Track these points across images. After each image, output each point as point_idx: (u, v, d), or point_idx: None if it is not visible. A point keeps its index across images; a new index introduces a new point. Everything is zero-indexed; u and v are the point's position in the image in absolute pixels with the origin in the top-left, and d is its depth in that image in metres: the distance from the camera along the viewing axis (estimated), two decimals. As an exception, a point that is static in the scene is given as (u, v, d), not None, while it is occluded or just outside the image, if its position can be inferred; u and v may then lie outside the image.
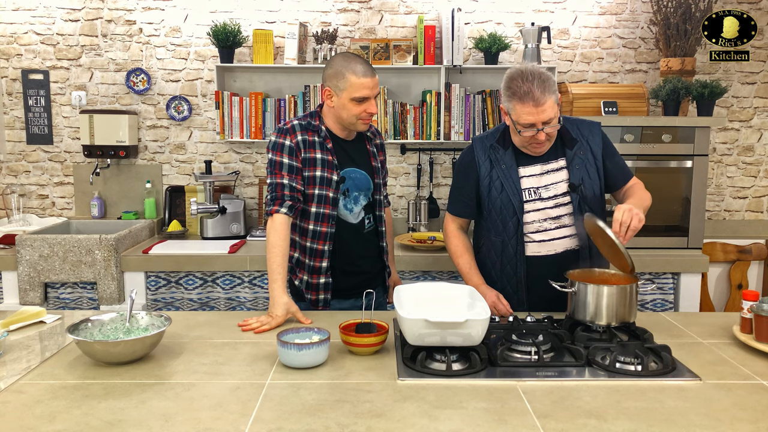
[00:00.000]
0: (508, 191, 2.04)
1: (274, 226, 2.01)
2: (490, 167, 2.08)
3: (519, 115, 1.91)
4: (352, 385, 1.47)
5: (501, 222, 2.07)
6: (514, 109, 1.92)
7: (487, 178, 2.08)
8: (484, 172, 2.09)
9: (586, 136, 2.09)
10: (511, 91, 1.91)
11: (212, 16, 3.56)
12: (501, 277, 2.12)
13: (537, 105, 1.87)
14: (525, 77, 1.88)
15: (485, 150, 2.10)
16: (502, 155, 2.07)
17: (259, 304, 3.09)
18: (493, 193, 2.07)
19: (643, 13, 3.59)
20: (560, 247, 2.06)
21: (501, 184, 2.05)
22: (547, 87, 1.87)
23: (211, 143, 3.69)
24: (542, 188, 2.04)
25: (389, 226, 2.38)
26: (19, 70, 3.61)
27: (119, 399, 1.38)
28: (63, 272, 2.99)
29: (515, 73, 1.91)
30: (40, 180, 3.71)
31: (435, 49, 3.47)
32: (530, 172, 2.05)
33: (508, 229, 2.05)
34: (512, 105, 1.92)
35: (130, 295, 1.73)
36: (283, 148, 2.05)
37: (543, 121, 1.90)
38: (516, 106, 1.91)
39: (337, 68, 2.00)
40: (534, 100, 1.87)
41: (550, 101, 1.88)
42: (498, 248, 2.10)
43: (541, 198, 2.04)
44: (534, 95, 1.86)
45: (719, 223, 3.76)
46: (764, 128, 3.71)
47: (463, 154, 2.16)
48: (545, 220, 2.05)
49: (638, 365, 1.55)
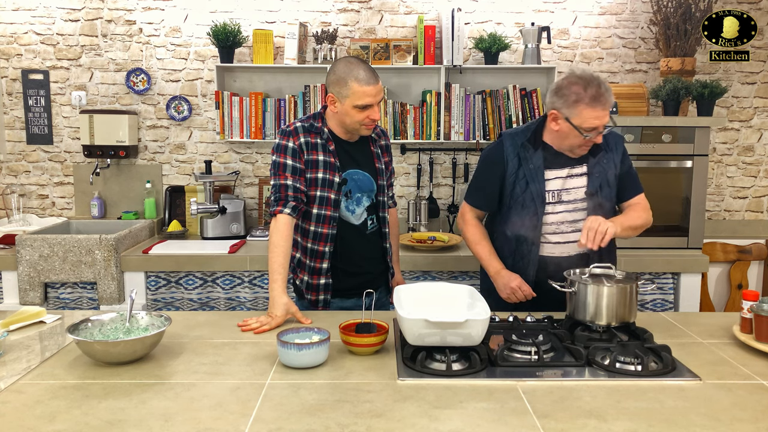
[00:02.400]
0: (532, 191, 2.06)
1: (277, 227, 2.02)
2: (517, 164, 2.09)
3: (586, 119, 1.94)
4: (352, 385, 1.47)
5: (519, 220, 2.09)
6: (580, 114, 1.93)
7: (513, 175, 2.10)
8: (511, 168, 2.10)
9: (610, 145, 2.12)
10: (576, 95, 1.93)
11: (212, 16, 3.56)
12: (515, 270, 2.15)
13: (604, 108, 1.93)
14: (591, 82, 1.92)
15: (515, 147, 2.11)
16: (531, 155, 2.08)
17: (259, 304, 3.09)
18: (516, 191, 2.09)
19: (643, 13, 3.59)
20: (574, 251, 2.09)
21: (526, 182, 2.07)
22: (608, 89, 1.94)
23: (211, 143, 3.69)
24: (564, 191, 2.07)
25: (395, 227, 2.38)
26: (19, 70, 3.61)
27: (119, 399, 1.38)
28: (63, 272, 2.99)
29: (581, 79, 1.93)
30: (40, 180, 3.71)
31: (435, 49, 3.47)
32: (555, 175, 2.08)
33: (526, 227, 2.08)
34: (578, 110, 1.93)
35: (130, 295, 1.73)
36: (287, 150, 2.06)
37: (604, 124, 1.96)
38: (584, 111, 1.93)
39: (340, 75, 1.99)
40: (603, 104, 1.92)
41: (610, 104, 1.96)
42: (512, 244, 2.13)
43: (562, 201, 2.08)
44: (604, 99, 1.92)
45: (719, 223, 3.76)
46: (764, 128, 3.71)
47: (492, 148, 2.18)
48: (563, 224, 2.08)
49: (638, 365, 1.55)
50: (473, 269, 3.08)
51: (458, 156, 3.67)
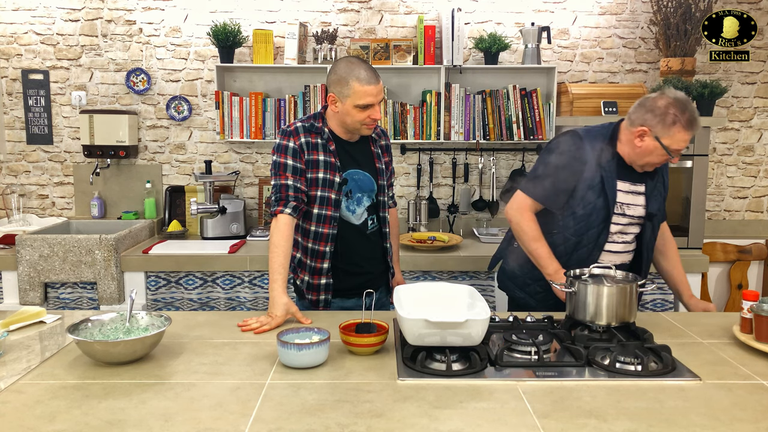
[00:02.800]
0: (607, 198, 2.06)
1: (278, 227, 2.02)
2: (595, 169, 2.06)
3: (677, 141, 1.97)
4: (352, 385, 1.47)
5: (585, 224, 2.08)
6: (673, 135, 1.96)
7: (590, 179, 2.06)
8: (589, 171, 2.06)
9: (662, 169, 2.16)
10: (676, 117, 1.95)
11: (212, 16, 3.56)
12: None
13: (695, 132, 1.98)
14: (688, 105, 1.96)
15: (594, 148, 2.07)
16: (608, 162, 2.07)
17: (259, 304, 3.09)
18: (589, 195, 2.06)
19: (643, 13, 3.59)
20: (618, 260, 2.13)
21: (602, 188, 2.06)
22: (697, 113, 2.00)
23: (211, 143, 3.69)
24: (626, 205, 2.10)
25: (395, 226, 2.38)
26: (19, 70, 3.61)
27: (119, 399, 1.38)
28: (63, 272, 2.99)
29: (679, 102, 1.96)
30: (40, 180, 3.71)
31: (435, 49, 3.47)
32: (622, 188, 2.09)
33: (590, 233, 2.08)
34: (672, 131, 1.96)
35: (130, 295, 1.73)
36: (287, 150, 2.06)
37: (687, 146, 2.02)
38: (677, 133, 1.96)
39: (341, 74, 1.99)
40: (695, 128, 1.97)
41: None
42: (570, 246, 2.11)
43: (624, 214, 2.10)
44: (697, 123, 1.97)
45: (719, 223, 3.76)
46: (764, 128, 3.71)
47: (571, 144, 2.08)
48: (616, 234, 2.12)
49: (638, 365, 1.55)
50: (473, 269, 3.08)
51: (458, 156, 3.67)
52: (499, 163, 3.68)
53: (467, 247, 3.26)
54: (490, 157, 3.65)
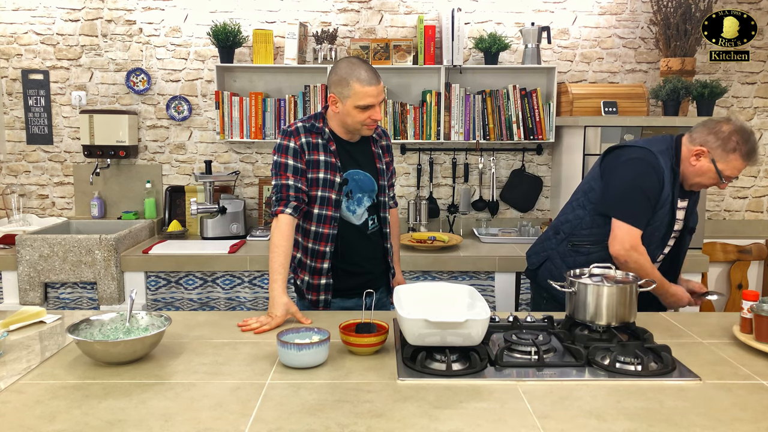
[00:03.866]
0: (671, 216, 2.10)
1: (279, 226, 2.02)
2: (669, 190, 2.08)
3: (732, 168, 2.02)
4: (352, 385, 1.47)
5: (647, 241, 2.08)
6: (730, 162, 2.01)
7: (664, 199, 2.07)
8: (665, 193, 2.07)
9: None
10: (737, 145, 1.99)
11: (212, 16, 3.56)
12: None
13: (752, 165, 2.03)
14: (752, 137, 2.01)
15: (667, 169, 2.07)
16: (673, 181, 2.09)
17: (259, 304, 3.09)
18: (660, 213, 2.08)
19: (643, 13, 3.59)
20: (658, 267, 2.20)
21: (671, 207, 2.09)
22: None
23: (211, 143, 3.69)
24: (677, 221, 2.15)
25: (395, 227, 2.38)
26: (19, 70, 3.61)
27: (119, 399, 1.38)
28: (63, 272, 2.99)
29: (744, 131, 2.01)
30: (40, 180, 3.71)
31: (435, 49, 3.47)
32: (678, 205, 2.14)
33: (650, 249, 2.09)
34: (730, 158, 2.01)
35: (130, 295, 1.73)
36: (288, 150, 2.06)
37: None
38: (734, 161, 2.01)
39: (342, 75, 1.99)
40: (753, 161, 2.02)
41: None
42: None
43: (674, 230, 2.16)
44: (756, 157, 2.02)
45: (719, 223, 3.76)
46: (764, 128, 3.71)
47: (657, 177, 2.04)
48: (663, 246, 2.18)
49: (638, 365, 1.55)
50: (473, 269, 3.08)
51: (458, 156, 3.67)
52: (499, 163, 3.68)
53: (467, 247, 3.26)
54: (490, 157, 3.65)
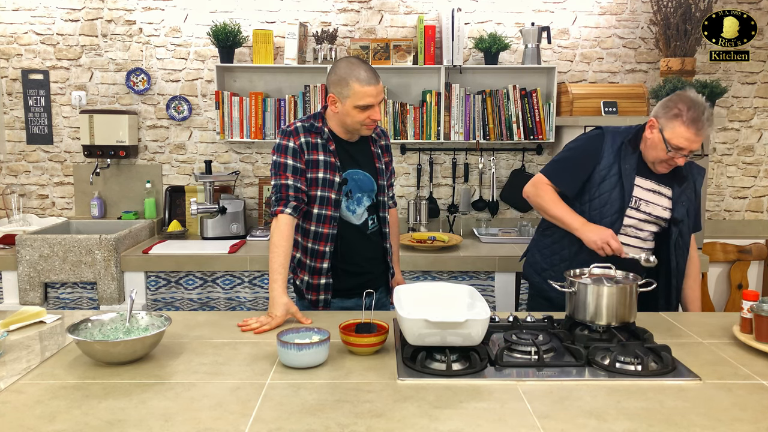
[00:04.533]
0: (623, 189, 2.10)
1: (278, 226, 2.02)
2: (613, 161, 2.12)
3: (676, 136, 1.99)
4: (352, 385, 1.47)
5: (599, 214, 2.12)
6: (673, 129, 1.99)
7: (605, 169, 2.13)
8: (605, 162, 2.13)
9: (694, 176, 2.19)
10: (679, 111, 1.98)
11: (212, 16, 3.56)
12: (573, 258, 2.17)
13: (698, 135, 1.97)
14: (698, 105, 1.97)
15: (615, 144, 2.14)
16: (629, 156, 2.12)
17: (259, 304, 3.09)
18: (604, 185, 2.12)
19: (643, 13, 3.59)
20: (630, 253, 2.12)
21: (618, 180, 2.11)
22: (711, 123, 1.98)
23: (211, 143, 3.69)
24: (643, 202, 2.12)
25: (395, 227, 2.38)
26: (19, 70, 3.61)
27: (119, 399, 1.38)
28: (63, 272, 2.99)
29: (687, 98, 1.99)
30: (40, 180, 3.71)
31: (435, 49, 3.47)
32: (642, 184, 2.13)
33: (604, 222, 2.11)
34: (674, 125, 1.99)
35: (130, 295, 1.73)
36: (287, 150, 2.06)
37: (691, 150, 2.00)
38: (678, 128, 1.98)
39: (341, 75, 1.99)
40: (698, 130, 1.97)
41: (705, 136, 1.99)
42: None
43: (639, 209, 2.12)
44: (701, 126, 1.96)
45: (719, 223, 3.76)
46: (764, 128, 3.71)
47: (591, 138, 2.20)
48: (630, 227, 2.13)
49: (638, 365, 1.55)
50: (473, 269, 3.08)
51: (458, 156, 3.67)
52: (499, 163, 3.68)
53: (467, 247, 3.26)
54: (490, 157, 3.65)
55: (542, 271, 2.27)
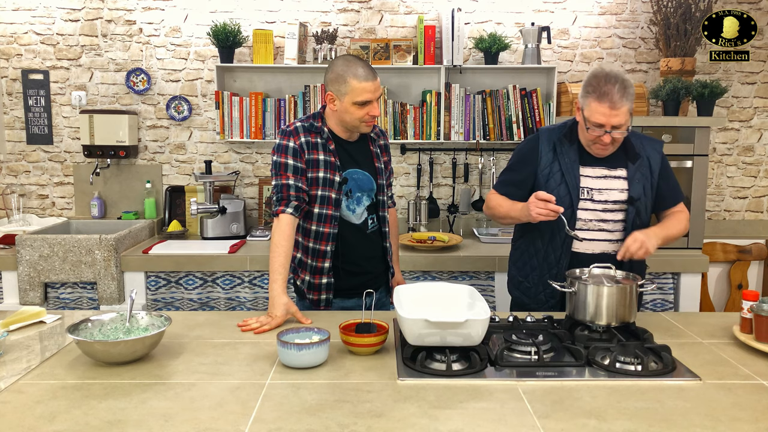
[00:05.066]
0: (567, 184, 2.08)
1: (279, 226, 2.02)
2: (552, 158, 2.12)
3: (592, 112, 1.96)
4: (352, 385, 1.47)
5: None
6: (588, 106, 1.97)
7: (547, 168, 2.12)
8: (545, 162, 2.12)
9: (648, 152, 2.13)
10: (592, 87, 1.96)
11: (212, 16, 3.56)
12: (542, 264, 2.15)
13: (612, 108, 1.92)
14: (608, 78, 1.93)
15: (551, 141, 2.14)
16: (567, 149, 2.11)
17: (259, 304, 3.09)
18: (550, 184, 2.11)
19: (643, 13, 3.59)
20: (597, 249, 2.11)
21: (561, 176, 2.09)
22: (626, 94, 1.93)
23: (211, 143, 3.69)
24: (596, 191, 2.09)
25: (394, 226, 2.38)
26: (19, 70, 3.61)
27: (119, 399, 1.38)
28: (63, 272, 2.99)
29: (600, 72, 1.96)
30: (40, 180, 3.71)
31: (435, 49, 3.47)
32: (590, 173, 2.10)
33: (560, 220, 2.06)
34: (588, 102, 1.97)
35: (130, 295, 1.73)
36: (287, 150, 2.06)
37: (613, 124, 1.95)
38: (592, 104, 1.96)
39: (339, 72, 2.00)
40: (611, 102, 1.92)
41: (625, 108, 1.94)
42: (546, 237, 2.13)
43: (593, 199, 2.09)
44: (612, 97, 1.92)
45: (719, 223, 3.76)
46: (764, 128, 3.71)
47: (527, 141, 2.21)
48: (591, 221, 2.10)
49: (638, 365, 1.55)
50: (473, 269, 3.08)
51: (458, 156, 3.67)
52: (499, 163, 3.68)
53: (467, 247, 3.26)
54: (490, 157, 3.65)
55: (518, 284, 2.26)
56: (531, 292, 2.20)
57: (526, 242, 2.22)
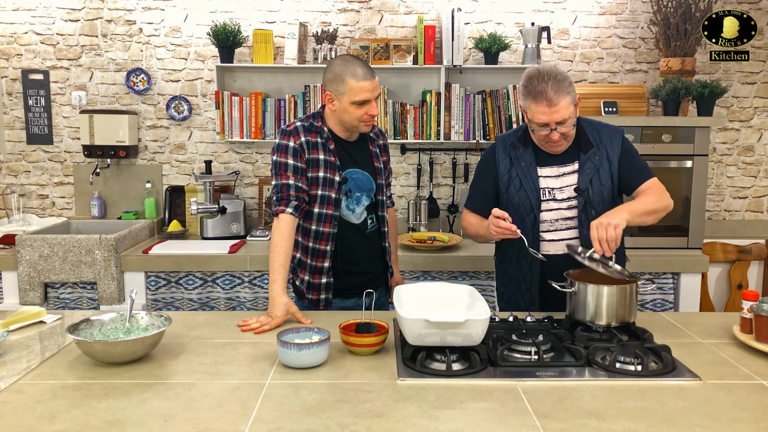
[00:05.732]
0: (526, 189, 2.07)
1: (279, 226, 2.02)
2: (509, 165, 2.11)
3: (533, 114, 1.95)
4: (352, 385, 1.47)
5: (518, 219, 2.08)
6: (529, 108, 1.96)
7: (506, 175, 2.12)
8: (503, 169, 2.12)
9: (604, 141, 2.09)
10: (527, 90, 1.94)
11: (212, 16, 3.56)
12: (517, 273, 2.15)
13: (550, 105, 1.90)
14: (541, 77, 1.91)
15: (506, 148, 2.13)
16: (522, 153, 2.10)
17: (259, 304, 3.09)
18: (511, 190, 2.10)
19: (643, 13, 3.59)
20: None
21: (520, 181, 2.09)
22: (561, 88, 1.90)
23: (211, 143, 3.69)
24: (557, 190, 2.07)
25: (393, 226, 2.39)
26: (19, 70, 3.61)
27: (119, 399, 1.38)
28: (63, 272, 2.99)
29: (532, 72, 1.94)
30: (40, 180, 3.71)
31: (435, 49, 3.47)
32: (548, 173, 2.08)
33: (525, 225, 2.07)
34: (527, 104, 1.96)
35: (130, 295, 1.73)
36: (287, 150, 2.06)
37: (556, 121, 1.93)
38: (531, 105, 1.94)
39: (337, 72, 2.00)
40: (547, 100, 1.90)
41: (564, 102, 1.91)
42: (515, 245, 2.12)
43: (555, 199, 2.07)
44: (547, 95, 1.89)
45: (719, 223, 3.76)
46: (764, 128, 3.71)
47: (486, 152, 2.21)
48: (557, 221, 2.08)
49: (638, 365, 1.55)
50: (473, 269, 3.08)
51: (458, 156, 3.67)
52: (499, 163, 3.68)
53: (467, 247, 3.26)
54: (490, 157, 3.64)
55: (502, 294, 2.26)
56: (512, 301, 2.20)
57: (500, 253, 2.26)
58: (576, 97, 1.95)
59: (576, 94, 1.95)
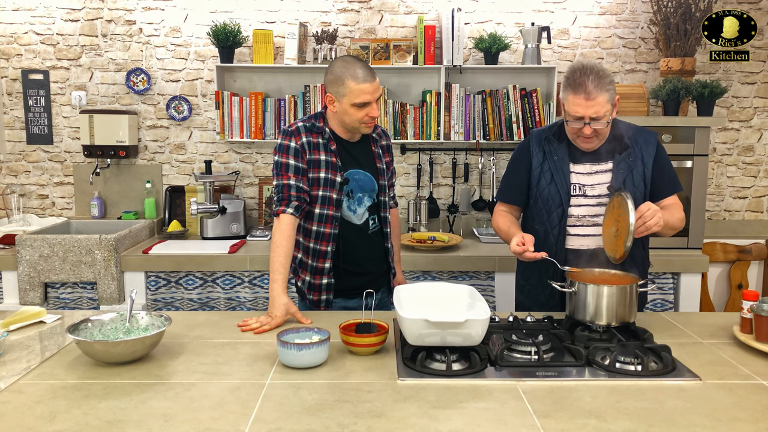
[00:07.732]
0: (557, 182, 2.10)
1: (280, 226, 2.02)
2: (542, 158, 2.14)
3: (570, 105, 1.97)
4: (352, 385, 1.47)
5: (546, 211, 2.12)
6: (567, 99, 1.99)
7: (538, 168, 2.15)
8: (536, 162, 2.15)
9: (640, 143, 2.12)
10: (568, 81, 1.97)
11: (212, 16, 3.56)
12: (540, 265, 2.13)
13: (588, 98, 1.92)
14: (584, 71, 1.94)
15: (540, 142, 2.17)
16: (556, 148, 2.13)
17: (259, 304, 3.09)
18: (542, 183, 2.13)
19: (643, 13, 3.59)
20: (593, 244, 2.10)
21: (551, 175, 2.11)
22: (601, 84, 1.93)
23: (211, 143, 3.69)
24: (588, 186, 2.10)
25: (396, 227, 2.38)
26: (19, 70, 3.61)
27: (119, 399, 1.38)
28: (63, 272, 2.99)
29: (576, 65, 1.98)
30: (40, 180, 3.71)
31: (435, 49, 3.47)
32: (580, 170, 2.11)
33: (552, 219, 2.10)
34: (566, 95, 1.98)
35: (130, 295, 1.73)
36: (289, 150, 2.06)
37: (591, 115, 1.95)
38: (569, 96, 1.97)
39: (337, 74, 2.00)
40: (586, 93, 1.92)
41: (602, 98, 1.93)
42: (540, 237, 2.13)
43: (585, 195, 2.10)
44: (587, 88, 1.92)
45: (719, 223, 3.76)
46: (764, 128, 3.71)
47: (519, 145, 2.25)
48: (585, 216, 2.10)
49: (638, 365, 1.55)
50: (473, 269, 3.08)
51: (458, 156, 3.67)
52: (499, 163, 3.68)
53: (467, 247, 3.26)
54: (490, 157, 3.65)
55: (522, 287, 2.27)
56: (532, 294, 2.21)
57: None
58: (615, 98, 1.98)
59: (616, 95, 1.98)
